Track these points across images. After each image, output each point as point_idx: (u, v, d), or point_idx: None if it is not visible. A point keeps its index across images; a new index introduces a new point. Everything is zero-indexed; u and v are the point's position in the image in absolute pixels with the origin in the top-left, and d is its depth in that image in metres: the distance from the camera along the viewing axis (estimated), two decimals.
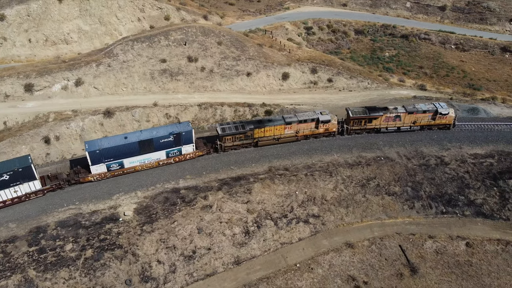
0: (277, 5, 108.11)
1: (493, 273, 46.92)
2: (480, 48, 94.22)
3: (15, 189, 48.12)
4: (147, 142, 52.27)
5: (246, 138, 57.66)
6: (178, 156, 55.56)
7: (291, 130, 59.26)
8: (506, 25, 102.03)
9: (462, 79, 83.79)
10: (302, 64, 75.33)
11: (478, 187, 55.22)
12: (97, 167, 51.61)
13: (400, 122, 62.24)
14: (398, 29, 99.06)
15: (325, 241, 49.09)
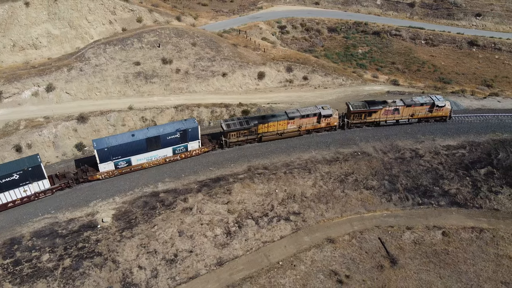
0: (250, 4, 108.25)
1: (469, 260, 48.37)
2: (448, 42, 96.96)
3: (25, 188, 48.08)
4: (154, 139, 52.82)
5: (250, 134, 58.41)
6: (184, 152, 56.16)
7: (294, 125, 60.02)
8: (472, 20, 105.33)
9: (432, 73, 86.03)
10: (277, 63, 75.68)
11: (452, 178, 56.81)
12: (105, 165, 51.86)
13: (399, 115, 63.64)
14: (370, 26, 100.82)
15: (306, 238, 49.51)
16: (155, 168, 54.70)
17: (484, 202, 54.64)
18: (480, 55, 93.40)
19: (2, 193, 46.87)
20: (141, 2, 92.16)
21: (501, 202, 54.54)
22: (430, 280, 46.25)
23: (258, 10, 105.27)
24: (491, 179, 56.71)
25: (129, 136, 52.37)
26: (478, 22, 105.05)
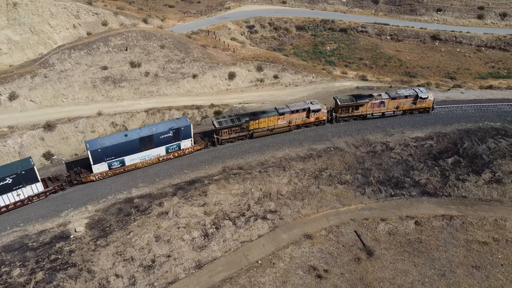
0: (218, 5, 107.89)
1: (441, 247, 49.97)
2: (412, 37, 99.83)
3: (18, 192, 47.27)
4: (147, 138, 52.71)
5: (241, 131, 58.92)
6: (177, 151, 56.23)
7: (284, 121, 60.83)
8: (434, 15, 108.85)
9: (399, 67, 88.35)
10: (248, 63, 75.77)
11: (421, 168, 58.53)
12: (98, 166, 51.40)
13: (384, 108, 65.10)
14: (337, 23, 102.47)
15: (284, 235, 49.83)
16: (127, 174, 53.68)
17: (453, 190, 56.59)
18: (443, 49, 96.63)
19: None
20: (106, 5, 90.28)
21: (468, 189, 56.63)
22: (405, 269, 47.50)
23: (226, 11, 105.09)
24: (458, 167, 58.79)
25: (122, 136, 51.96)
26: (439, 17, 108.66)
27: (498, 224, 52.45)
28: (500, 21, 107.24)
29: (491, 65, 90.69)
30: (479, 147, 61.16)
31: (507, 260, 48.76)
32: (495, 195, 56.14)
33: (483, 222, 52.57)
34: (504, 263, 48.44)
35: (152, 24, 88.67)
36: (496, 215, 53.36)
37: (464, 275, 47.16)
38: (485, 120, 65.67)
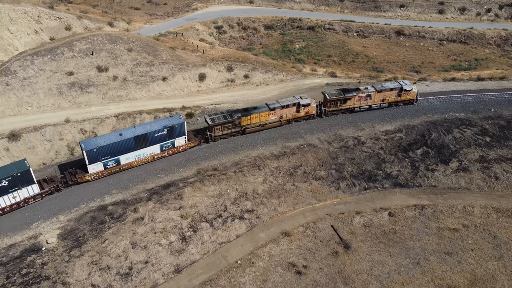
0: (185, 6, 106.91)
1: (414, 236, 51.42)
2: (378, 33, 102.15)
3: (14, 195, 47.09)
4: (142, 137, 53.28)
5: (234, 127, 60.08)
6: (171, 149, 57.13)
7: (275, 116, 62.29)
8: (397, 11, 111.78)
9: (366, 63, 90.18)
10: (218, 63, 75.48)
11: (393, 161, 60.03)
12: (94, 166, 51.63)
13: (371, 101, 67.10)
14: (304, 21, 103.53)
15: (262, 234, 49.97)
16: (98, 181, 52.42)
17: (423, 180, 58.33)
18: (407, 44, 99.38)
19: None
20: (69, 9, 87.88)
21: (438, 179, 58.53)
22: (381, 260, 48.59)
23: (193, 12, 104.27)
24: (427, 158, 60.67)
25: (117, 136, 52.38)
26: (402, 13, 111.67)
27: (466, 210, 54.46)
28: (459, 15, 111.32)
29: (453, 58, 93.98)
30: (445, 137, 63.30)
31: (477, 245, 50.71)
32: (462, 183, 58.26)
33: (453, 210, 54.45)
34: (474, 247, 50.34)
35: (118, 27, 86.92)
36: (465, 202, 55.39)
37: (437, 262, 48.69)
38: (450, 111, 68.06)
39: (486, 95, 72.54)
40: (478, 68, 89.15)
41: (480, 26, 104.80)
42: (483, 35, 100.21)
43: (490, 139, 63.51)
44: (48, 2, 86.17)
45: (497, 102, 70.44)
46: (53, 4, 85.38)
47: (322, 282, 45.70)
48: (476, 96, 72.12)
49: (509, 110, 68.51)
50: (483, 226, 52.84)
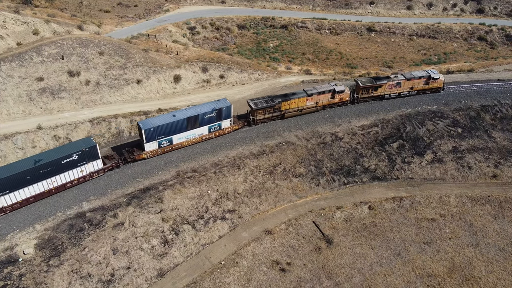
0: (156, 8, 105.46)
1: (394, 228, 52.52)
2: (350, 30, 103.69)
3: (81, 168, 50.96)
4: (193, 118, 57.09)
5: (274, 111, 63.64)
6: (218, 130, 60.70)
7: (312, 102, 65.89)
8: (367, 8, 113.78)
9: (340, 60, 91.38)
10: (192, 64, 74.85)
11: (370, 155, 61.07)
12: (150, 144, 55.59)
13: (401, 88, 70.60)
14: (277, 20, 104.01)
15: (244, 233, 49.91)
16: (77, 188, 51.10)
17: (400, 173, 59.61)
18: (379, 40, 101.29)
19: (63, 174, 49.66)
20: (35, 13, 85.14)
21: (414, 171, 59.93)
22: (363, 253, 49.39)
23: (165, 13, 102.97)
24: (403, 151, 62.03)
25: (171, 117, 56.43)
26: (372, 10, 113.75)
27: (443, 200, 56.02)
28: (427, 10, 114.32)
29: (423, 52, 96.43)
30: (419, 130, 64.88)
31: (454, 233, 52.25)
32: (438, 173, 59.86)
33: (430, 200, 55.92)
34: (452, 236, 51.86)
35: (88, 31, 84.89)
36: (441, 192, 56.98)
37: (417, 252, 49.89)
38: (422, 105, 69.79)
39: (456, 87, 74.74)
40: (447, 61, 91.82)
41: (447, 21, 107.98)
42: (451, 30, 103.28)
43: (462, 130, 65.52)
44: (13, 7, 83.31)
45: (467, 94, 72.73)
46: (19, 8, 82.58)
47: (306, 278, 46.07)
48: (446, 89, 74.17)
49: (478, 101, 70.86)
50: (459, 215, 54.49)
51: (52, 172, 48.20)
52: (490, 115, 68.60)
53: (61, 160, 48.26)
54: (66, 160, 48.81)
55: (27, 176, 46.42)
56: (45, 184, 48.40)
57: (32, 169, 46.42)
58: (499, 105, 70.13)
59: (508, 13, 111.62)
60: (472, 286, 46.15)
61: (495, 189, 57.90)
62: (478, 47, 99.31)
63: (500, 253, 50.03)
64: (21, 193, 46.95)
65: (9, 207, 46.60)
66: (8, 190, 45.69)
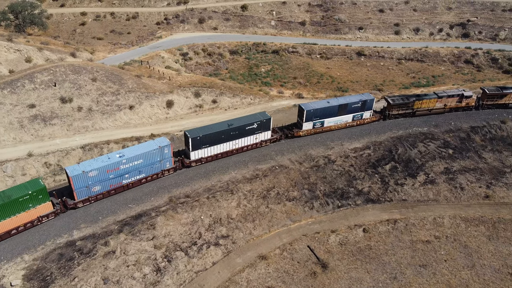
0: (149, 35, 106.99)
1: (389, 251, 52.06)
2: (340, 55, 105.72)
3: (256, 136, 62.13)
4: (344, 106, 66.36)
5: (407, 109, 70.96)
6: (360, 119, 69.33)
7: (441, 104, 72.24)
8: (357, 33, 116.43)
9: (331, 83, 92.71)
10: (185, 90, 75.41)
11: (363, 177, 61.14)
12: (307, 124, 65.72)
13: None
14: (269, 45, 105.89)
15: (238, 259, 49.13)
16: (67, 215, 50.23)
17: (393, 195, 59.60)
18: (368, 64, 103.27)
19: (245, 138, 60.93)
20: (28, 41, 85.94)
21: (407, 193, 59.97)
22: (359, 277, 48.73)
23: (158, 40, 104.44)
24: (396, 173, 62.23)
25: (326, 103, 66.34)
26: (361, 35, 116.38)
27: (437, 222, 55.89)
28: (414, 35, 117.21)
29: (411, 75, 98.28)
30: (411, 151, 65.34)
31: (449, 255, 51.90)
32: (431, 195, 59.94)
33: (424, 222, 55.75)
34: (447, 258, 51.48)
35: (81, 58, 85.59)
36: (435, 214, 56.90)
37: (413, 275, 49.35)
38: (413, 127, 70.53)
39: (446, 109, 75.73)
40: (435, 84, 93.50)
41: (434, 45, 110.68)
42: (438, 53, 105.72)
43: (453, 151, 66.09)
44: (6, 35, 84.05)
45: (456, 116, 73.74)
46: (12, 36, 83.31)
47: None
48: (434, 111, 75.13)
49: (467, 122, 71.86)
50: (453, 236, 54.30)
51: None
52: (480, 136, 69.44)
53: None
54: (249, 127, 59.81)
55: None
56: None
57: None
58: (488, 126, 71.12)
59: (492, 37, 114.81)
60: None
61: (488, 210, 58.00)
62: (465, 70, 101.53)
63: (496, 274, 49.66)
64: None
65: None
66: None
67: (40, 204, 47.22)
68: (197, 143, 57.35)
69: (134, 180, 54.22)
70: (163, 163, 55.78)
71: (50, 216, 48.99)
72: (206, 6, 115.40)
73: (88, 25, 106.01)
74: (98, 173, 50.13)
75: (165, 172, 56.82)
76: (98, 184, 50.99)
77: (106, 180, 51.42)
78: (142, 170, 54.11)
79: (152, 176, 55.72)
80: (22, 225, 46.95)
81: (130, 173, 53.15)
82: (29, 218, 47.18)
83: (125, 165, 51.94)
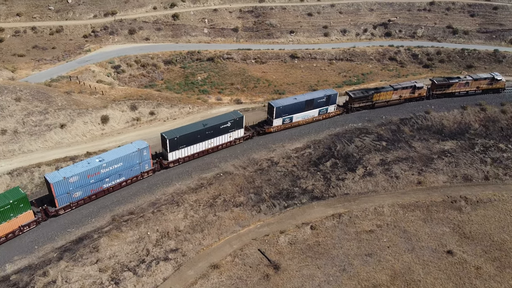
0: (76, 49, 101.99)
1: (337, 244, 53.82)
2: (274, 58, 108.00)
3: (230, 134, 63.92)
4: (310, 101, 70.20)
5: (367, 101, 76.10)
6: (325, 114, 73.32)
7: (397, 95, 78.12)
8: (288, 37, 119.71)
9: (268, 87, 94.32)
10: (120, 103, 72.77)
11: (306, 176, 62.76)
12: (277, 120, 68.58)
13: (469, 87, 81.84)
14: (203, 53, 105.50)
15: (190, 272, 48.18)
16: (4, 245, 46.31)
17: (336, 190, 61.81)
18: (302, 65, 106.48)
19: (220, 136, 62.70)
20: None
21: (349, 186, 62.50)
22: (311, 273, 49.81)
23: (87, 53, 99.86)
24: (336, 168, 64.63)
25: (293, 99, 69.55)
26: (293, 38, 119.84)
27: (378, 211, 58.79)
28: (342, 36, 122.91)
29: (343, 74, 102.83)
30: (349, 147, 68.25)
31: (391, 241, 54.76)
32: (370, 186, 62.97)
33: (366, 213, 58.39)
34: (390, 244, 54.27)
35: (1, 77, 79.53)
36: (375, 204, 59.82)
37: (361, 264, 51.42)
38: (349, 123, 73.77)
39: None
40: (365, 81, 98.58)
41: (360, 44, 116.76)
42: (365, 52, 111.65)
43: (386, 143, 70.01)
44: None
45: (386, 110, 78.21)
46: None
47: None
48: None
49: (397, 115, 76.53)
50: (393, 223, 57.40)
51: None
52: (409, 127, 74.26)
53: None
54: (223, 125, 61.77)
55: None
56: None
57: None
58: (415, 117, 76.28)
59: (411, 35, 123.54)
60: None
61: (421, 195, 62.10)
62: (390, 66, 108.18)
63: (434, 254, 53.21)
64: None
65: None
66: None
67: (21, 213, 46.42)
68: (174, 144, 58.41)
69: (114, 184, 54.76)
70: (142, 165, 56.56)
71: (31, 225, 48.25)
72: (135, 17, 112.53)
73: (6, 42, 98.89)
74: (79, 178, 50.35)
75: (145, 174, 57.47)
76: (79, 189, 51.16)
77: (87, 185, 51.66)
78: (122, 173, 54.71)
79: (132, 179, 56.44)
80: (4, 235, 45.87)
81: (111, 177, 53.75)
82: (11, 228, 45.74)
83: (105, 169, 52.43)
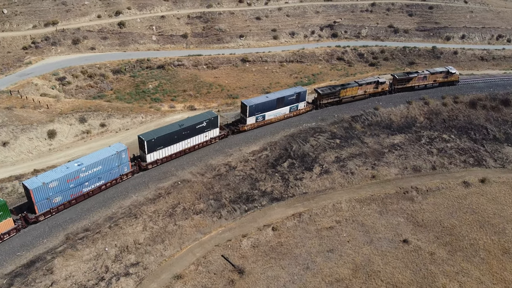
0: (15, 61, 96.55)
1: (299, 243, 54.56)
2: (226, 63, 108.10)
3: (206, 134, 64.63)
4: (281, 99, 72.08)
5: (335, 97, 79.43)
6: (295, 111, 75.66)
7: (362, 90, 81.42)
8: (238, 41, 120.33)
9: (221, 92, 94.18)
10: (67, 117, 69.69)
11: (265, 178, 63.19)
12: (250, 119, 69.95)
13: (427, 81, 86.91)
14: (153, 61, 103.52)
15: (153, 285, 46.92)
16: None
17: (295, 190, 62.72)
18: (253, 69, 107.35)
19: (195, 136, 63.43)
20: None
21: (307, 185, 63.66)
22: (275, 275, 50.12)
23: (27, 66, 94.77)
24: (294, 169, 65.60)
25: (265, 98, 71.52)
26: (243, 42, 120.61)
27: (336, 208, 60.29)
28: (291, 38, 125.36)
29: (294, 76, 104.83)
30: (304, 146, 69.55)
31: (351, 236, 56.33)
32: (327, 184, 64.48)
33: (325, 210, 59.70)
34: (349, 239, 55.81)
35: None
36: (333, 201, 61.32)
37: (323, 261, 52.45)
38: (303, 123, 75.19)
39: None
40: (316, 82, 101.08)
41: (309, 46, 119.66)
42: (314, 54, 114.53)
43: (340, 141, 72.06)
44: None
45: (338, 108, 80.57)
46: None
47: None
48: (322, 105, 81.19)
49: (348, 113, 79.03)
50: (352, 218, 59.10)
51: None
52: (360, 124, 76.91)
53: None
54: (199, 126, 62.62)
55: None
56: None
57: None
58: (365, 114, 79.14)
59: (356, 35, 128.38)
60: (374, 281, 49.92)
61: (376, 188, 64.46)
62: (339, 66, 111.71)
63: (391, 244, 55.35)
64: None
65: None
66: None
67: (1, 221, 45.67)
68: (152, 146, 58.93)
69: (94, 188, 54.53)
70: (121, 168, 56.52)
71: (11, 233, 47.44)
72: (79, 26, 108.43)
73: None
74: (59, 183, 49.96)
75: (124, 177, 57.48)
76: (59, 194, 50.76)
77: (67, 190, 51.35)
78: (102, 176, 54.58)
79: (112, 182, 56.30)
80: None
81: (90, 180, 53.52)
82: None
83: (85, 173, 52.24)
